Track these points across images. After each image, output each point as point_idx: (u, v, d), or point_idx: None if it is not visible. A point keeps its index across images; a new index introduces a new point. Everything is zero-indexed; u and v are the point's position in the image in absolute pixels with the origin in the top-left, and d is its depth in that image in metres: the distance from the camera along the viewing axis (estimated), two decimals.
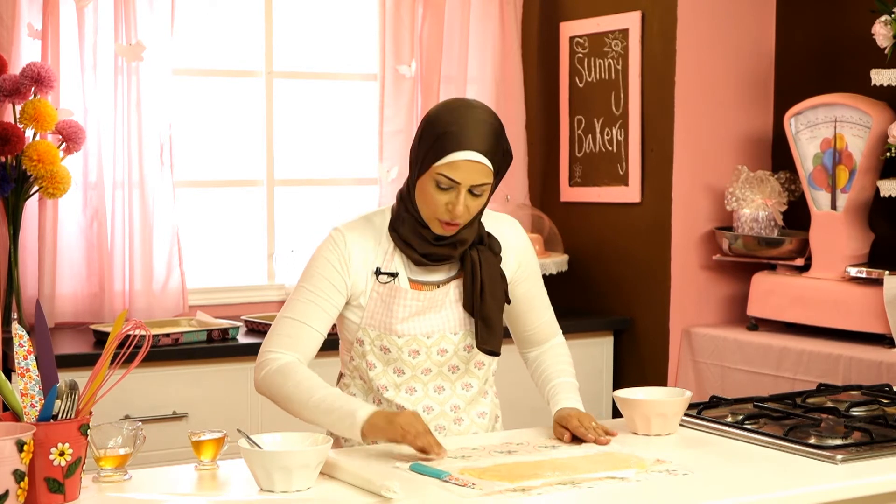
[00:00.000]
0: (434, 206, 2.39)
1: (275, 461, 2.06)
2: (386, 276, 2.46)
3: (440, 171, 2.35)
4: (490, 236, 2.52)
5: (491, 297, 2.47)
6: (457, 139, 2.34)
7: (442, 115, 2.39)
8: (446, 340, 2.50)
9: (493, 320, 2.48)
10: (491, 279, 2.48)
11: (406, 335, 2.47)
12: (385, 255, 2.48)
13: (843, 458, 2.30)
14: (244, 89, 4.53)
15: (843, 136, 3.98)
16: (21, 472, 1.89)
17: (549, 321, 2.71)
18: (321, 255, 2.48)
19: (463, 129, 2.34)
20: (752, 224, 4.21)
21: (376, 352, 2.50)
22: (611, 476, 2.17)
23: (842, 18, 4.20)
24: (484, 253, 2.48)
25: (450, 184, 2.36)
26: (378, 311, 2.48)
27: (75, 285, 4.11)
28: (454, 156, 2.34)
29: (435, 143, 2.36)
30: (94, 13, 4.06)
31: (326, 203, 4.69)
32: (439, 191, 2.37)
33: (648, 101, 4.40)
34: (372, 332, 2.49)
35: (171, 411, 3.71)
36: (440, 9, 4.58)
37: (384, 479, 2.05)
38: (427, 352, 2.48)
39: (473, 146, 2.34)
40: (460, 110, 2.39)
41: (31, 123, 3.82)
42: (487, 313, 2.47)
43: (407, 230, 2.45)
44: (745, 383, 4.05)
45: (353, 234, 2.48)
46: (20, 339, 2.03)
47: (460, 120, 2.36)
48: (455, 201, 2.36)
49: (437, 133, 2.36)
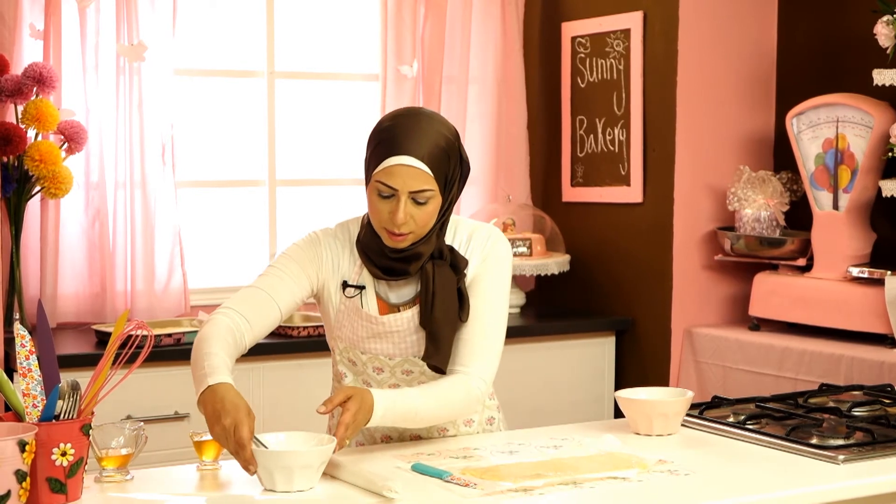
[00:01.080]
0: (378, 215, 2.34)
1: (277, 461, 2.06)
2: (352, 290, 2.43)
3: (378, 178, 2.32)
4: (453, 252, 2.42)
5: (442, 311, 2.36)
6: (393, 144, 2.31)
7: (384, 124, 2.38)
8: (409, 363, 2.46)
9: (440, 335, 2.37)
10: (444, 292, 2.37)
11: (370, 353, 2.46)
12: (356, 265, 2.45)
13: (845, 459, 2.30)
14: (246, 89, 4.53)
15: (845, 137, 3.97)
16: (23, 473, 1.89)
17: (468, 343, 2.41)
18: (296, 245, 2.47)
19: (399, 136, 2.31)
20: (754, 224, 4.21)
21: (345, 362, 2.50)
22: (612, 476, 2.17)
23: (843, 18, 4.20)
24: (440, 267, 2.39)
25: (389, 191, 2.31)
26: (345, 325, 2.46)
27: (77, 285, 4.11)
28: (390, 161, 2.31)
29: (375, 149, 2.35)
30: (95, 13, 4.06)
31: (328, 203, 4.69)
32: (381, 199, 2.33)
33: (650, 101, 4.40)
34: (340, 343, 2.49)
35: (172, 411, 3.71)
36: (442, 9, 4.58)
37: (385, 480, 2.05)
38: (391, 370, 2.47)
39: (410, 151, 2.30)
40: (402, 118, 2.36)
41: (33, 123, 3.83)
42: (435, 328, 2.36)
43: (367, 240, 2.42)
44: (747, 383, 4.05)
45: (329, 240, 2.46)
46: (22, 340, 2.04)
47: (399, 127, 2.33)
48: (395, 209, 2.31)
49: (377, 140, 2.36)
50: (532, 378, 4.24)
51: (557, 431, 2.58)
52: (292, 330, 3.94)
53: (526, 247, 4.53)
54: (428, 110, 2.41)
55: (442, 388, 2.36)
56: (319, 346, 3.90)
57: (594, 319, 4.50)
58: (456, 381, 2.38)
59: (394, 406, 2.26)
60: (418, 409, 2.31)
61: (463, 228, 2.49)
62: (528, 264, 4.48)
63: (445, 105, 4.61)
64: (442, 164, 2.33)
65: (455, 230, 2.48)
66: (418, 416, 2.32)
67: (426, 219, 2.34)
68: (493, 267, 2.46)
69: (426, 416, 2.34)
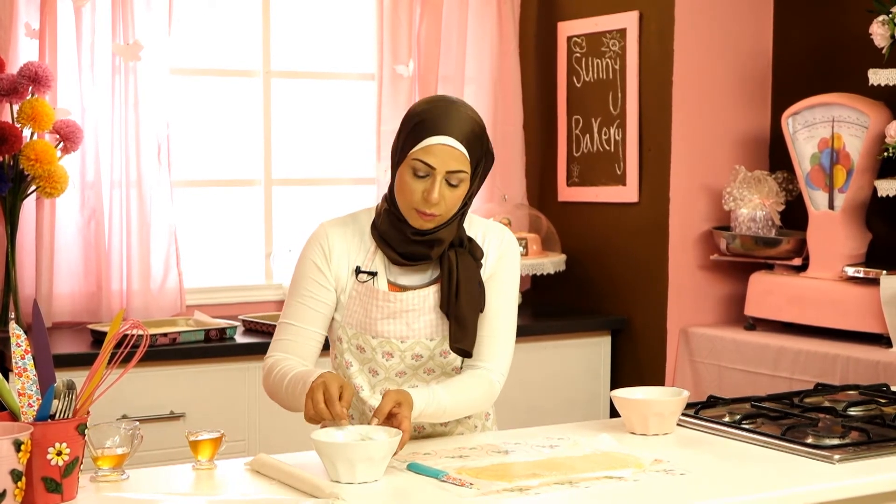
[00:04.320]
0: (411, 195, 2.38)
1: (339, 453, 2.10)
2: (365, 276, 2.48)
3: (416, 156, 2.37)
4: (472, 241, 2.50)
5: (466, 298, 2.44)
6: (433, 124, 2.36)
7: (420, 106, 2.43)
8: (421, 346, 2.48)
9: (466, 320, 2.44)
10: (468, 281, 2.45)
11: (380, 336, 2.47)
12: (367, 253, 2.49)
13: (841, 458, 2.30)
14: (242, 89, 4.53)
15: (841, 136, 3.98)
16: (18, 472, 1.89)
17: (489, 339, 2.50)
18: (305, 255, 2.51)
19: (440, 117, 2.37)
20: (750, 224, 4.21)
21: (353, 350, 2.51)
22: (608, 476, 2.17)
23: (839, 18, 4.20)
24: (462, 255, 2.47)
25: (426, 170, 2.36)
26: (356, 310, 2.48)
27: (73, 285, 4.10)
28: (430, 140, 2.36)
29: (412, 130, 2.39)
30: (91, 13, 4.06)
31: (324, 203, 4.69)
32: (416, 178, 2.38)
33: (646, 101, 4.40)
34: (350, 330, 2.50)
35: (168, 411, 3.71)
36: (438, 8, 4.58)
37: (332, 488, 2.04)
38: (401, 355, 2.48)
39: (449, 132, 2.36)
40: (440, 102, 2.42)
41: (29, 123, 3.82)
42: (461, 313, 2.44)
43: (386, 226, 2.46)
44: (743, 383, 4.05)
45: (336, 229, 2.51)
46: (17, 339, 2.03)
47: (438, 109, 2.39)
48: (431, 188, 2.36)
49: (415, 122, 2.39)
50: (528, 377, 4.24)
51: (553, 431, 2.58)
52: None
53: (522, 246, 4.53)
54: (461, 100, 2.47)
55: (467, 385, 2.45)
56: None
57: (590, 319, 4.50)
58: (479, 378, 2.47)
59: (427, 407, 2.35)
60: (446, 407, 2.39)
61: (477, 225, 2.56)
62: (524, 264, 4.48)
63: None
64: (476, 148, 2.40)
65: (470, 225, 2.54)
66: (445, 413, 2.40)
67: (455, 201, 2.40)
68: (509, 266, 2.55)
69: (452, 412, 2.43)
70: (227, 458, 2.31)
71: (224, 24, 4.48)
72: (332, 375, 2.27)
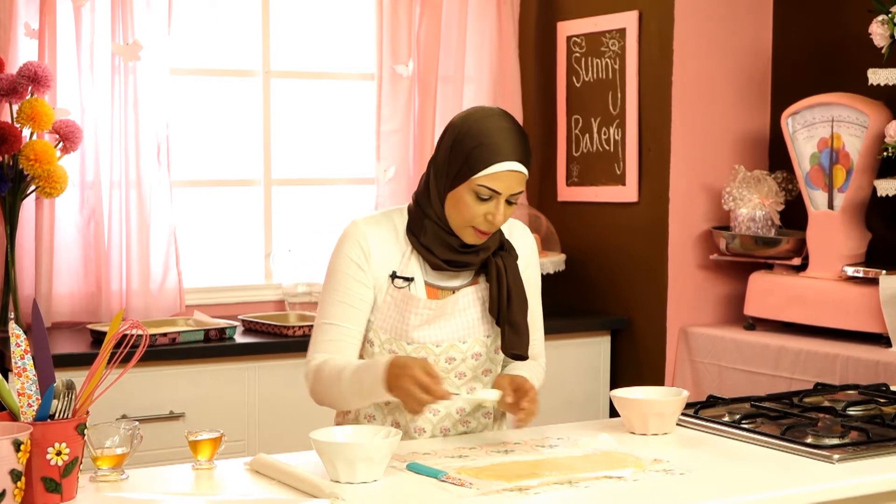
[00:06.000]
0: (472, 217, 2.40)
1: (339, 453, 2.10)
2: (401, 281, 2.47)
3: (481, 182, 2.37)
4: (508, 242, 2.54)
5: (517, 302, 2.49)
6: (497, 150, 2.36)
7: (473, 127, 2.40)
8: (455, 349, 2.50)
9: (520, 325, 2.49)
10: (516, 285, 2.50)
11: (416, 343, 2.47)
12: (402, 256, 2.48)
13: (840, 458, 2.30)
14: (241, 89, 4.53)
15: (840, 136, 3.98)
16: (18, 472, 1.89)
17: (536, 341, 2.64)
18: (342, 252, 2.48)
19: (501, 141, 2.37)
20: (750, 223, 4.21)
21: (385, 354, 2.49)
22: (608, 475, 2.17)
23: (839, 18, 4.20)
24: (507, 259, 2.50)
25: (490, 194, 2.38)
26: (391, 316, 2.47)
27: (72, 285, 4.10)
28: (497, 167, 2.36)
29: (472, 154, 2.37)
30: (91, 13, 4.06)
31: (323, 202, 4.69)
32: (479, 201, 2.39)
33: (645, 101, 4.40)
34: (383, 334, 2.48)
35: (168, 411, 3.71)
36: (437, 8, 4.58)
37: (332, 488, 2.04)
38: (434, 360, 2.48)
39: (514, 156, 2.37)
40: (490, 121, 2.40)
41: (28, 123, 3.82)
42: (515, 318, 2.48)
43: (429, 238, 2.45)
44: (743, 383, 4.05)
45: (372, 228, 2.48)
46: (17, 339, 2.03)
47: (499, 132, 2.38)
48: (495, 211, 2.39)
49: (473, 145, 2.38)
50: None
51: (553, 430, 2.58)
52: (287, 329, 3.94)
53: None
54: (497, 108, 2.47)
55: (536, 372, 2.60)
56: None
57: (590, 319, 4.50)
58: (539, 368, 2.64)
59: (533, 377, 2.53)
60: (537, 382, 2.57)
61: None
62: None
63: (441, 105, 4.62)
64: (530, 162, 2.43)
65: None
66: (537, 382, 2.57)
67: (510, 215, 2.45)
68: (535, 260, 2.64)
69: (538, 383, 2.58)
70: (227, 458, 2.31)
71: (224, 24, 4.48)
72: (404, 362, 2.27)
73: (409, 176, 4.60)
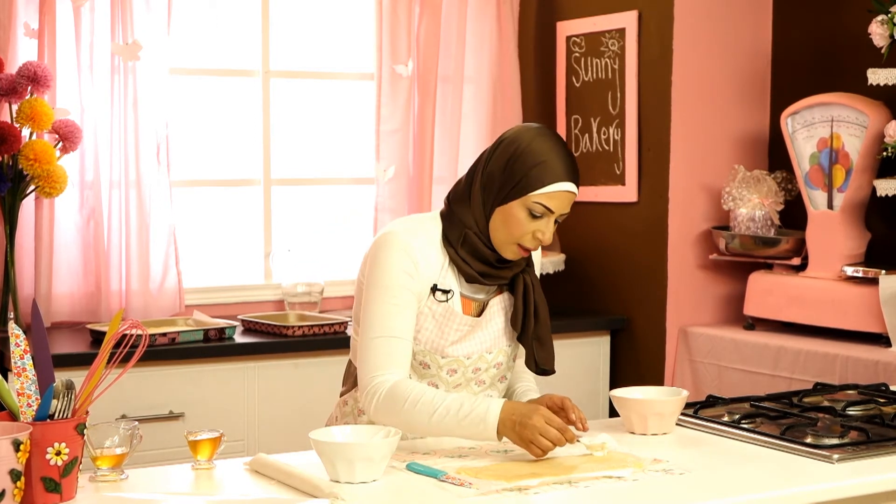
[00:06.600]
0: (520, 233, 2.42)
1: (339, 453, 2.10)
2: (441, 294, 2.46)
3: (538, 199, 2.39)
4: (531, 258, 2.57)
5: (543, 318, 2.53)
6: (558, 171, 2.40)
7: (532, 144, 2.41)
8: (482, 360, 2.51)
9: (546, 340, 2.52)
10: (542, 301, 2.53)
11: (450, 356, 2.48)
12: (441, 268, 2.47)
13: (840, 458, 2.30)
14: (241, 89, 4.53)
15: (840, 136, 3.98)
16: (17, 472, 1.89)
17: None
18: (392, 264, 2.42)
19: (561, 163, 2.40)
20: (749, 223, 4.21)
21: (416, 365, 2.48)
22: (607, 475, 2.17)
23: (838, 18, 4.20)
24: (533, 275, 2.54)
25: (544, 212, 2.41)
26: (428, 328, 2.46)
27: (72, 285, 4.10)
28: (555, 186, 2.39)
29: (531, 171, 2.39)
30: (90, 12, 4.06)
31: (323, 202, 4.69)
32: (531, 219, 2.41)
33: (645, 101, 4.40)
34: (416, 346, 2.46)
35: (167, 411, 3.71)
36: (437, 8, 4.58)
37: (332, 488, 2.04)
38: (463, 371, 2.49)
39: (571, 178, 2.42)
40: (547, 140, 2.42)
41: (28, 123, 3.82)
42: (541, 333, 2.51)
43: (468, 249, 2.45)
44: (742, 383, 4.05)
45: (413, 240, 2.43)
46: (16, 339, 2.03)
47: (556, 152, 2.41)
48: (545, 229, 2.42)
49: (535, 162, 2.39)
50: None
51: None
52: (287, 329, 3.94)
53: None
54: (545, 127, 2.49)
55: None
56: (314, 346, 3.92)
57: (589, 319, 4.50)
58: None
59: None
60: None
61: None
62: None
63: (440, 104, 4.62)
64: None
65: None
66: None
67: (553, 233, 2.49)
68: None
69: None
70: (227, 458, 2.31)
71: (223, 24, 4.48)
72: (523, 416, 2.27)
73: (408, 176, 4.60)
